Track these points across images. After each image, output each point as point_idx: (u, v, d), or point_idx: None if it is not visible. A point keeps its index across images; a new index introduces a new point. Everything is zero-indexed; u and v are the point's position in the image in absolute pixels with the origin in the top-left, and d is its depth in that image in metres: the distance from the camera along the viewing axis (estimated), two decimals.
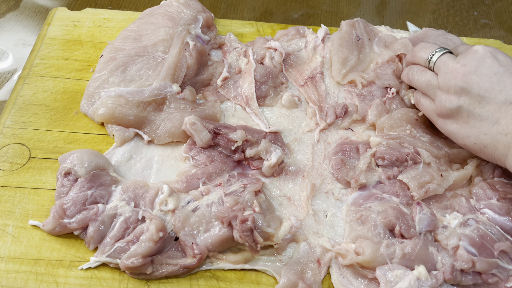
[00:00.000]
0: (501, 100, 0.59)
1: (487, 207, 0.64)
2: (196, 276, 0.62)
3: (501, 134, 0.58)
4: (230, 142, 0.68)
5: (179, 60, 0.75)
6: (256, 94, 0.76)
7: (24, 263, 0.61)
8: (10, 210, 0.65)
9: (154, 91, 0.72)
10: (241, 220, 0.59)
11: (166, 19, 0.79)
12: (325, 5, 1.15)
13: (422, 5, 1.17)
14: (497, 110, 0.59)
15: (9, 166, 0.69)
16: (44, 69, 0.79)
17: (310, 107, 0.77)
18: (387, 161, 0.68)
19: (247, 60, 0.80)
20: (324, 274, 0.62)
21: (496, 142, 0.59)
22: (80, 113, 0.75)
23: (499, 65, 0.60)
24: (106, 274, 0.61)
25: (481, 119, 0.60)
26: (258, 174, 0.70)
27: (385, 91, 0.77)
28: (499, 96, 0.59)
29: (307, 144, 0.74)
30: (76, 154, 0.64)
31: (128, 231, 0.61)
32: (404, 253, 0.59)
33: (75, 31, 0.85)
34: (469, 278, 0.59)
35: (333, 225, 0.66)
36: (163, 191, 0.64)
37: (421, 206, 0.63)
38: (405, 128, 0.72)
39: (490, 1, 1.18)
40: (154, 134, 0.71)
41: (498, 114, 0.59)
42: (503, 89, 0.59)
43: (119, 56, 0.75)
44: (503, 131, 0.58)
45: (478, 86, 0.60)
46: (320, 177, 0.70)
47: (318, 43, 0.83)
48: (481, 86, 0.60)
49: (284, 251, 0.64)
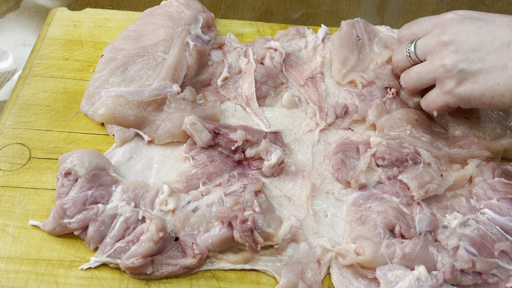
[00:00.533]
0: (498, 46, 0.58)
1: (487, 207, 0.64)
2: (196, 276, 0.62)
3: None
4: (230, 142, 0.68)
5: (179, 60, 0.75)
6: (256, 94, 0.76)
7: (24, 263, 0.61)
8: (10, 210, 0.65)
9: (154, 91, 0.72)
10: (241, 220, 0.59)
11: (166, 19, 0.79)
12: (325, 5, 1.15)
13: (422, 5, 1.17)
14: (499, 57, 0.58)
15: (9, 166, 0.69)
16: (44, 69, 0.79)
17: (310, 107, 0.77)
18: (387, 161, 0.68)
19: (247, 60, 0.80)
20: (324, 274, 0.62)
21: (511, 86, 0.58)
22: (80, 113, 0.75)
23: (478, 19, 0.60)
24: (106, 274, 0.61)
25: (487, 72, 0.59)
26: (258, 174, 0.70)
27: (385, 91, 0.77)
28: (494, 44, 0.58)
29: (307, 144, 0.74)
30: (76, 154, 0.64)
31: (128, 231, 0.61)
32: (404, 253, 0.59)
33: (75, 31, 0.85)
34: (469, 278, 0.59)
35: (333, 225, 0.66)
36: (163, 191, 0.64)
37: (421, 206, 0.63)
38: (405, 128, 0.72)
39: (490, 1, 1.18)
40: (154, 134, 0.71)
41: (501, 59, 0.58)
42: (495, 37, 0.58)
43: (119, 56, 0.76)
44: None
45: (470, 44, 0.59)
46: (320, 177, 0.70)
47: (318, 43, 0.83)
48: (472, 43, 0.59)
49: (284, 251, 0.64)
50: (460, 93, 0.62)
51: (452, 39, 0.61)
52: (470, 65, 0.60)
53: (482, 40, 0.59)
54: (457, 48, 0.60)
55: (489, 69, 0.59)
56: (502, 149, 0.71)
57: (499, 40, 0.58)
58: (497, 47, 0.58)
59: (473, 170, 0.69)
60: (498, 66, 0.58)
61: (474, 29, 0.59)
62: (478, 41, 0.59)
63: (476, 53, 0.59)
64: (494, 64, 0.58)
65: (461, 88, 0.61)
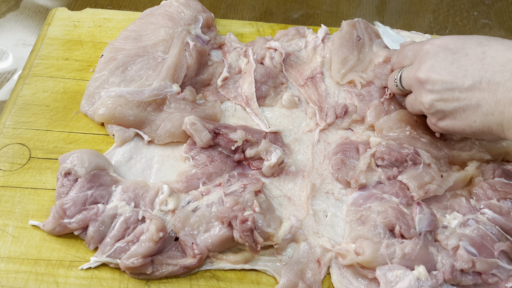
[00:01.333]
0: (469, 84, 0.57)
1: (487, 207, 0.64)
2: (196, 276, 0.62)
3: (488, 115, 0.57)
4: (230, 142, 0.68)
5: (179, 60, 0.75)
6: (256, 94, 0.76)
7: (24, 263, 0.61)
8: (10, 210, 0.65)
9: (154, 91, 0.72)
10: (241, 220, 0.59)
11: (166, 19, 0.79)
12: (325, 5, 1.15)
13: (422, 5, 1.17)
14: (472, 96, 0.57)
15: (9, 166, 0.69)
16: (44, 69, 0.79)
17: (310, 107, 0.77)
18: (387, 161, 0.68)
19: (247, 60, 0.80)
20: (324, 274, 0.62)
21: (488, 124, 0.57)
22: (80, 113, 0.75)
23: (452, 53, 0.59)
24: (106, 274, 0.61)
25: (463, 110, 0.59)
26: (258, 174, 0.70)
27: (384, 91, 0.77)
28: (466, 82, 0.57)
29: (307, 144, 0.74)
30: (76, 154, 0.64)
31: (128, 231, 0.61)
32: (404, 253, 0.59)
33: (75, 31, 0.85)
34: (469, 278, 0.59)
35: (333, 225, 0.66)
36: (163, 191, 0.64)
37: (421, 206, 0.63)
38: (404, 130, 0.72)
39: (490, 1, 1.18)
40: (154, 134, 0.71)
41: (474, 98, 0.57)
42: (466, 73, 0.57)
43: (119, 56, 0.76)
44: (488, 111, 0.56)
45: (443, 82, 0.59)
46: (320, 177, 0.70)
47: (318, 43, 0.83)
48: (445, 81, 0.59)
49: (284, 251, 0.64)
50: (443, 127, 0.63)
51: (427, 77, 0.60)
52: (446, 104, 0.60)
53: (454, 78, 0.58)
54: (432, 87, 0.60)
55: (464, 108, 0.58)
56: (503, 151, 0.71)
57: (470, 77, 0.57)
58: (469, 86, 0.57)
59: (473, 171, 0.68)
60: (472, 105, 0.58)
61: (446, 65, 0.59)
62: (450, 79, 0.58)
63: (450, 92, 0.59)
64: (468, 103, 0.58)
65: (443, 123, 0.62)
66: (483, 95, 0.56)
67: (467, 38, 0.60)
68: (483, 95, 0.56)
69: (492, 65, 0.55)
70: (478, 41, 0.58)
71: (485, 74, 0.56)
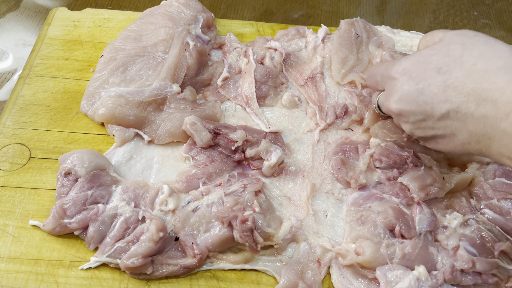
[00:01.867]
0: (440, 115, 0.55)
1: (487, 207, 0.64)
2: (196, 276, 0.62)
3: (466, 144, 0.56)
4: (230, 142, 0.68)
5: (179, 60, 0.75)
6: (256, 94, 0.76)
7: (24, 263, 0.61)
8: (11, 210, 0.65)
9: (154, 91, 0.72)
10: (241, 220, 0.59)
11: (166, 19, 0.79)
12: (325, 5, 1.15)
13: (422, 5, 1.17)
14: (445, 126, 0.56)
15: (9, 166, 0.69)
16: (44, 69, 0.79)
17: (310, 107, 0.77)
18: (384, 163, 0.68)
19: (247, 60, 0.80)
20: (324, 274, 0.62)
21: (468, 150, 0.56)
22: (80, 113, 0.75)
23: (415, 83, 0.57)
24: (106, 274, 0.61)
25: (442, 137, 0.58)
26: (258, 174, 0.70)
27: None
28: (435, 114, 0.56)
29: (307, 144, 0.74)
30: (76, 154, 0.64)
31: (128, 231, 0.61)
32: (404, 253, 0.59)
33: (75, 31, 0.85)
34: (469, 278, 0.59)
35: (333, 225, 0.66)
36: (163, 191, 0.64)
37: (421, 206, 0.63)
38: (401, 136, 0.71)
39: (490, 1, 1.18)
40: (154, 134, 0.71)
41: (448, 128, 0.56)
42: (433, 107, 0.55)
43: (119, 56, 0.75)
44: (465, 141, 0.55)
45: (415, 115, 0.58)
46: (320, 177, 0.70)
47: (318, 43, 0.83)
48: (416, 114, 0.57)
49: (284, 251, 0.64)
50: (431, 147, 0.61)
51: (399, 110, 0.59)
52: (425, 132, 0.59)
53: (423, 111, 0.57)
54: (406, 119, 0.59)
55: (442, 136, 0.57)
56: None
57: (438, 110, 0.55)
58: (439, 117, 0.55)
59: (474, 172, 0.68)
60: (448, 134, 0.56)
61: (413, 97, 0.57)
62: (420, 111, 0.57)
63: (424, 123, 0.58)
64: (443, 132, 0.56)
65: (429, 145, 0.61)
66: (455, 125, 0.55)
67: (427, 63, 0.57)
68: (455, 125, 0.55)
69: (454, 97, 0.53)
70: (438, 67, 0.56)
71: (450, 106, 0.54)
